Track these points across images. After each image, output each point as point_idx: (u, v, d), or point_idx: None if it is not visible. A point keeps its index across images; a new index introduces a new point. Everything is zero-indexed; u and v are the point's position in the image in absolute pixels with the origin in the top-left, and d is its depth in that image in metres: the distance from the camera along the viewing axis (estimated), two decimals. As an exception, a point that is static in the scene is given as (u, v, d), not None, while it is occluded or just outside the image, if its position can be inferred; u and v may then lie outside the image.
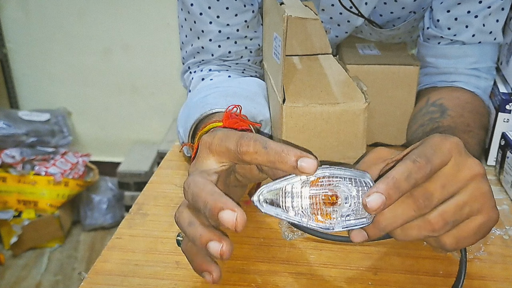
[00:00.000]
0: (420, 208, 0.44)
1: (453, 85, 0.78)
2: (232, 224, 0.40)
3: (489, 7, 0.72)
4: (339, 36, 0.83)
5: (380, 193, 0.42)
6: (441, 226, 0.44)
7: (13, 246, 1.95)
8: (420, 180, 0.43)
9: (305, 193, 0.43)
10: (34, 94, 2.26)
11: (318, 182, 0.43)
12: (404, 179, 0.42)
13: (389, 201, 0.42)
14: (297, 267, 0.54)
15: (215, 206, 0.40)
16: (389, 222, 0.44)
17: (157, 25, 2.06)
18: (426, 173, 0.43)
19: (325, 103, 0.60)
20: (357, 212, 0.44)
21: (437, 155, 0.44)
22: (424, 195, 0.44)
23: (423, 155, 0.44)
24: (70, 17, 2.09)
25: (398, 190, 0.42)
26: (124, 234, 0.60)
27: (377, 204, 0.42)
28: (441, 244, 0.47)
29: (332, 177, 0.43)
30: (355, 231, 0.46)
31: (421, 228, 0.45)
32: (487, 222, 0.46)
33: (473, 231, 0.46)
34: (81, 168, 2.14)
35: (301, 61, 0.68)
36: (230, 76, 0.76)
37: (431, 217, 0.44)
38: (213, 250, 0.41)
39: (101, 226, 2.15)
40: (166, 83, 2.16)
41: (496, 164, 0.74)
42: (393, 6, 0.77)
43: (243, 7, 0.74)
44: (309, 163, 0.41)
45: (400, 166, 0.43)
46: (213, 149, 0.46)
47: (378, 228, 0.45)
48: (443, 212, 0.44)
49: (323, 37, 0.69)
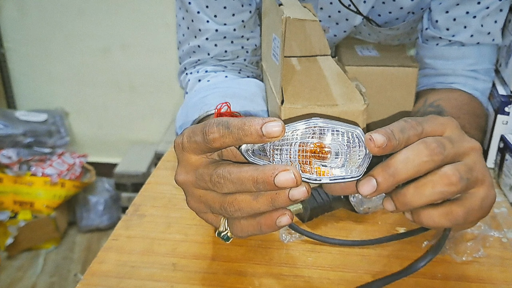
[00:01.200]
0: (433, 152, 0.42)
1: (451, 86, 0.78)
2: (293, 181, 0.39)
3: (488, 7, 0.72)
4: (338, 35, 0.83)
5: (381, 133, 0.41)
6: (457, 178, 0.42)
7: (8, 247, 1.94)
8: (412, 136, 0.43)
9: (294, 141, 0.42)
10: (31, 94, 2.25)
11: (309, 131, 0.42)
12: (398, 130, 0.42)
13: (389, 144, 0.41)
14: (294, 269, 0.54)
15: (266, 176, 0.39)
16: (400, 165, 0.42)
17: (155, 24, 2.05)
18: (418, 132, 0.43)
19: (324, 105, 0.59)
20: (347, 167, 0.42)
21: (429, 122, 0.44)
22: (436, 141, 0.42)
23: (415, 119, 0.44)
24: (68, 17, 2.08)
25: (395, 137, 0.41)
26: (121, 235, 0.60)
27: (381, 140, 0.40)
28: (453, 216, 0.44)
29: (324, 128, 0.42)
30: (362, 180, 0.43)
31: (436, 183, 0.42)
32: (489, 196, 0.46)
33: (479, 203, 0.45)
34: (78, 169, 2.13)
35: (300, 62, 0.68)
36: (227, 76, 0.76)
37: (447, 169, 0.43)
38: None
39: (97, 228, 2.14)
40: (165, 83, 2.16)
41: (495, 166, 0.74)
42: (391, 6, 0.77)
43: (241, 7, 0.75)
44: (274, 126, 0.39)
45: (393, 124, 0.43)
46: (186, 148, 0.44)
47: (388, 172, 0.42)
48: (457, 165, 0.43)
49: (322, 39, 0.69)
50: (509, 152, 0.69)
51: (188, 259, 0.55)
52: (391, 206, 0.45)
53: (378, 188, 0.42)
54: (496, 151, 0.74)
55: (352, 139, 0.42)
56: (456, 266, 0.55)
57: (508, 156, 0.69)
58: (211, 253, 0.56)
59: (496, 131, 0.74)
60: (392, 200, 0.44)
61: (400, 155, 0.42)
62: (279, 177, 0.39)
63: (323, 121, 0.42)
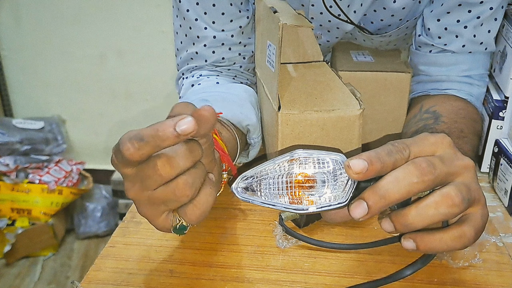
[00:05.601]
0: (423, 172, 0.42)
1: (445, 92, 0.78)
2: (193, 125, 0.38)
3: (479, 17, 0.72)
4: (331, 41, 0.83)
5: (362, 158, 0.41)
6: (460, 199, 0.42)
7: (6, 255, 1.94)
8: (400, 160, 0.43)
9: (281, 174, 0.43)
10: (28, 102, 2.25)
11: (294, 163, 0.43)
12: (385, 154, 0.42)
13: (371, 168, 0.41)
14: (291, 275, 0.54)
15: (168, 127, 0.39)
16: (390, 187, 0.41)
17: (151, 32, 2.06)
18: (405, 155, 0.43)
19: (320, 110, 0.60)
20: (334, 194, 0.43)
21: (417, 144, 0.44)
22: (426, 161, 0.42)
23: (402, 142, 0.44)
24: (64, 24, 2.08)
25: (380, 160, 0.41)
26: (118, 242, 0.60)
27: (359, 166, 0.41)
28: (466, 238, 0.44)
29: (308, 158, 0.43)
30: (353, 204, 0.43)
31: (440, 204, 0.42)
32: (486, 215, 0.46)
33: (482, 222, 0.45)
34: (75, 176, 2.13)
35: (296, 69, 0.69)
36: (218, 82, 0.77)
37: (449, 189, 0.42)
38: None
39: (95, 234, 2.14)
40: (161, 90, 2.16)
41: (490, 171, 0.74)
42: (382, 13, 0.78)
43: (238, 13, 0.75)
44: (186, 122, 0.39)
45: (380, 147, 0.43)
46: (117, 165, 0.44)
47: (378, 193, 0.42)
48: (458, 185, 0.43)
49: (315, 45, 0.69)
50: (504, 156, 0.69)
51: (185, 266, 0.56)
52: (389, 227, 0.44)
53: (370, 211, 0.42)
54: (491, 156, 0.74)
55: (337, 166, 0.43)
56: (453, 271, 0.55)
57: (503, 160, 0.69)
58: (208, 259, 0.57)
59: (490, 136, 0.75)
60: (391, 221, 0.44)
61: (390, 177, 0.42)
62: (181, 124, 0.38)
63: (306, 152, 0.43)
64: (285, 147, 0.61)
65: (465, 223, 0.45)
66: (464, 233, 0.44)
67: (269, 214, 0.64)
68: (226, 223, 0.63)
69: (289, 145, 0.61)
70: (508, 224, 0.64)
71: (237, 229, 0.62)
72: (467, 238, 0.44)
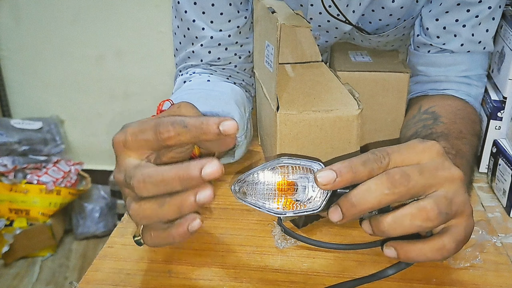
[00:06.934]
0: (394, 184, 0.42)
1: (444, 93, 0.78)
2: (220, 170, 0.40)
3: (477, 16, 0.72)
4: (329, 41, 0.84)
5: (332, 170, 0.42)
6: (436, 214, 0.43)
7: (4, 255, 1.93)
8: (377, 169, 0.43)
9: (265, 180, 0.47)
10: (26, 102, 2.24)
11: (276, 170, 0.47)
12: (360, 163, 0.43)
13: (340, 179, 0.42)
14: (290, 275, 0.54)
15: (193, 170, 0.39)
16: (361, 196, 0.43)
17: (150, 32, 2.05)
18: (383, 164, 0.43)
19: (319, 110, 0.60)
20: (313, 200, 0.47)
21: (400, 152, 0.44)
22: (400, 173, 0.43)
23: (383, 150, 0.44)
24: (62, 24, 2.08)
25: (352, 170, 0.42)
26: (116, 243, 0.60)
27: (327, 178, 0.42)
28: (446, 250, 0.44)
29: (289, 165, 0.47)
30: (331, 209, 0.45)
31: (415, 216, 0.43)
32: (469, 226, 0.46)
33: (464, 234, 0.45)
34: (73, 176, 2.12)
35: (294, 69, 0.69)
36: (209, 80, 0.77)
37: (426, 203, 0.43)
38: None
39: (93, 235, 2.14)
40: (159, 90, 2.16)
41: (488, 171, 0.74)
42: (381, 13, 0.78)
43: (237, 13, 0.75)
44: (229, 125, 0.41)
45: (358, 156, 0.44)
46: (130, 146, 0.44)
47: (350, 202, 0.43)
48: (437, 199, 0.43)
49: (313, 45, 0.69)
50: (502, 156, 0.69)
51: (184, 266, 0.55)
52: (368, 229, 0.46)
53: (344, 216, 0.44)
54: (489, 156, 0.74)
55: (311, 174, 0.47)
56: (451, 271, 0.55)
57: (501, 160, 0.69)
58: (206, 260, 0.57)
59: (489, 136, 0.75)
60: (370, 225, 0.45)
61: (363, 186, 0.43)
62: (207, 169, 0.39)
63: (289, 159, 0.47)
64: (284, 147, 0.61)
65: (445, 235, 0.45)
66: (444, 245, 0.44)
67: (268, 215, 0.64)
68: (224, 223, 0.63)
69: (288, 145, 0.61)
70: (507, 224, 0.65)
71: (235, 229, 0.62)
72: (446, 250, 0.45)
